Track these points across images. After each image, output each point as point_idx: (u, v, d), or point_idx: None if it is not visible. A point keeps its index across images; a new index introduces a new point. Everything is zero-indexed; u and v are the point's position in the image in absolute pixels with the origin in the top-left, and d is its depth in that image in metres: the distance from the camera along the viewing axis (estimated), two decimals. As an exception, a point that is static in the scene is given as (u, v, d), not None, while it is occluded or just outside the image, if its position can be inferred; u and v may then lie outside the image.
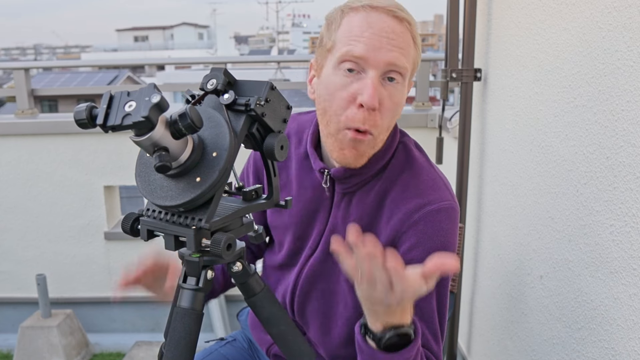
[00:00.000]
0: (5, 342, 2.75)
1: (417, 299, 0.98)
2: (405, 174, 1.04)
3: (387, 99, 0.96)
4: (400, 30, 0.95)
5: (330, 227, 1.08)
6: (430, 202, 1.00)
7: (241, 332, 1.38)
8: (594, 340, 1.19)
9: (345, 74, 0.95)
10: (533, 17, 1.47)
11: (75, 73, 20.62)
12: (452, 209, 1.01)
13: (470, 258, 2.05)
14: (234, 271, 0.81)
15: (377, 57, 0.93)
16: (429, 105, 2.63)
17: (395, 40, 0.94)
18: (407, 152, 1.07)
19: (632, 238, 1.05)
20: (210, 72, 0.75)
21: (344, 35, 0.96)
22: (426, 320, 1.00)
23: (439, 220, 0.99)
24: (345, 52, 0.94)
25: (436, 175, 1.05)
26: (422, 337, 0.98)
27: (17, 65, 2.79)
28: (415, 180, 1.03)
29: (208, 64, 3.22)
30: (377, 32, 0.93)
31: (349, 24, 0.96)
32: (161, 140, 0.64)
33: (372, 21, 0.94)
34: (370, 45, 0.93)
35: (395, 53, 0.94)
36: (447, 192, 1.03)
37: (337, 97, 0.96)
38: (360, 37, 0.94)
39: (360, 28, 0.94)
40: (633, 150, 1.04)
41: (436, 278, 0.79)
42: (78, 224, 2.66)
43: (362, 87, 0.94)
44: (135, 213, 0.76)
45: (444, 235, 1.00)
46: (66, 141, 2.58)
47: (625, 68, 1.06)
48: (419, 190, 1.01)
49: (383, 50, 0.93)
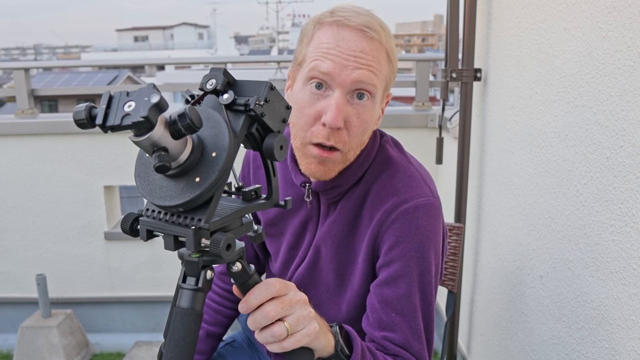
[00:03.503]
0: (5, 342, 2.76)
1: (399, 298, 0.98)
2: (383, 175, 1.03)
3: (354, 117, 0.96)
4: (370, 49, 0.94)
5: (319, 237, 1.08)
6: (407, 200, 0.99)
7: (241, 333, 1.38)
8: (594, 340, 1.19)
9: (313, 90, 0.96)
10: (533, 17, 1.47)
11: (75, 73, 20.63)
12: (430, 204, 1.00)
13: (470, 258, 2.05)
14: (233, 271, 0.80)
15: (343, 75, 0.93)
16: (429, 105, 2.63)
17: (362, 59, 0.93)
18: (384, 154, 1.06)
19: (632, 238, 1.05)
20: (209, 72, 0.75)
21: (313, 50, 0.96)
22: (408, 319, 0.99)
23: (416, 217, 0.98)
24: (312, 67, 0.95)
25: (414, 171, 1.04)
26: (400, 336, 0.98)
27: (17, 65, 2.79)
28: (392, 180, 1.02)
29: (208, 64, 3.22)
30: (345, 51, 0.93)
31: (318, 39, 0.96)
32: (160, 140, 0.64)
33: (341, 39, 0.94)
34: (337, 62, 0.93)
35: (362, 71, 0.93)
36: (425, 188, 1.01)
37: (304, 113, 0.97)
38: (327, 55, 0.94)
39: (328, 45, 0.94)
40: (633, 150, 1.04)
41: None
42: (78, 224, 2.66)
43: (327, 106, 0.94)
44: (134, 213, 0.76)
45: (423, 232, 0.99)
46: (66, 141, 2.59)
47: (625, 68, 1.06)
48: (395, 189, 1.01)
49: (349, 68, 0.93)
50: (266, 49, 55.79)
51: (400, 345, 0.98)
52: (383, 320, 0.98)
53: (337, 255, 1.07)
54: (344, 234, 1.05)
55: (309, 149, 0.98)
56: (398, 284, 0.98)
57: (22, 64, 2.77)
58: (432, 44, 51.71)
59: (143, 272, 2.72)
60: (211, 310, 1.25)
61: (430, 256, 1.00)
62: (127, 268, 2.72)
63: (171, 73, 24.62)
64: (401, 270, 0.98)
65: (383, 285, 1.00)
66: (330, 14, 0.97)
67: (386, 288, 0.99)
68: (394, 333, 0.98)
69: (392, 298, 0.98)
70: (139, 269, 2.72)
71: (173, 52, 40.14)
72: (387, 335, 0.98)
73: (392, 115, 2.56)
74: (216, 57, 15.72)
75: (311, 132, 0.97)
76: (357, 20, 0.94)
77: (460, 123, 1.92)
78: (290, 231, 1.13)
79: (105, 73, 20.08)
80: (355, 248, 1.04)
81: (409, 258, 0.98)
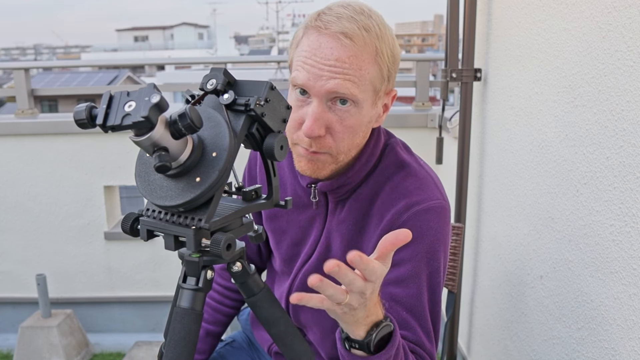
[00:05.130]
0: (5, 342, 2.75)
1: (408, 298, 0.98)
2: (394, 176, 1.04)
3: (337, 123, 0.96)
4: (347, 56, 0.92)
5: (326, 235, 1.08)
6: (419, 202, 1.00)
7: (240, 333, 1.38)
8: (594, 340, 1.19)
9: (298, 96, 0.97)
10: (533, 17, 1.47)
11: (75, 73, 20.62)
12: (441, 207, 1.01)
13: (470, 258, 2.05)
14: (233, 271, 0.81)
15: (317, 87, 0.93)
16: (429, 105, 2.63)
17: (337, 68, 0.92)
18: (394, 155, 1.06)
19: (632, 238, 1.05)
20: (210, 72, 0.75)
21: (296, 57, 0.97)
22: (419, 318, 1.00)
23: (427, 219, 0.99)
24: (293, 76, 0.96)
25: (425, 174, 1.05)
26: (414, 334, 0.98)
27: (17, 65, 2.79)
28: (404, 182, 1.03)
29: (208, 64, 3.22)
30: (320, 60, 0.92)
31: (302, 46, 0.96)
32: (161, 140, 0.64)
33: (318, 47, 0.93)
34: (312, 73, 0.93)
35: (337, 81, 0.92)
36: (436, 191, 1.03)
37: (291, 117, 0.97)
38: (304, 65, 0.94)
39: (306, 53, 0.94)
40: (633, 150, 1.04)
41: (391, 256, 0.75)
42: (78, 224, 2.66)
43: (306, 114, 0.95)
44: (135, 213, 0.76)
45: (434, 234, 1.00)
46: (66, 141, 2.59)
47: (625, 68, 1.06)
48: (407, 191, 1.01)
49: (323, 78, 0.92)
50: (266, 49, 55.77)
51: (414, 343, 0.99)
52: (394, 318, 0.98)
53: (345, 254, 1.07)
54: (353, 233, 1.05)
55: (297, 148, 1.00)
56: (408, 284, 0.99)
57: (22, 64, 2.78)
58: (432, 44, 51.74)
59: (143, 272, 2.72)
60: (210, 309, 1.25)
61: (440, 257, 1.01)
62: (127, 268, 2.72)
63: (171, 73, 24.63)
64: (412, 270, 0.99)
65: (391, 284, 1.00)
66: (317, 17, 0.96)
67: (395, 287, 1.00)
68: (407, 331, 0.99)
69: (402, 297, 0.99)
70: (139, 269, 2.72)
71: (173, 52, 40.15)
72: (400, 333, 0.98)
73: (392, 115, 2.56)
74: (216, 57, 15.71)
75: (297, 135, 0.98)
76: (335, 27, 0.93)
77: (460, 123, 1.92)
78: (295, 227, 1.12)
79: (105, 73, 20.08)
80: (363, 247, 1.04)
81: (420, 259, 0.99)
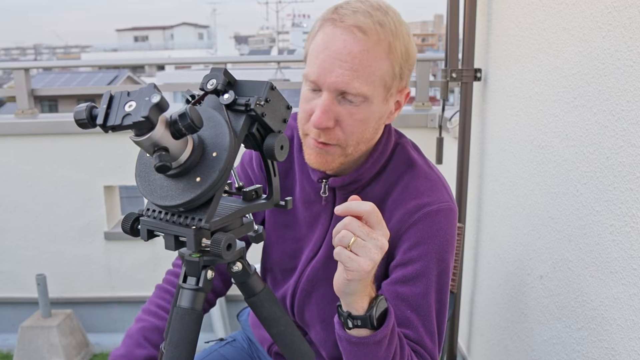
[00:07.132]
0: (5, 342, 2.75)
1: (415, 297, 0.99)
2: (405, 176, 1.05)
3: (347, 116, 0.96)
4: (359, 50, 0.92)
5: (332, 231, 1.08)
6: (430, 203, 1.01)
7: (241, 333, 1.38)
8: (594, 340, 1.20)
9: (309, 89, 0.98)
10: (533, 17, 1.47)
11: (75, 73, 20.61)
12: (450, 209, 1.03)
13: (470, 258, 2.05)
14: (234, 271, 0.81)
15: (328, 81, 0.94)
16: (429, 105, 2.63)
17: (348, 63, 0.92)
18: (405, 155, 1.08)
19: (632, 238, 1.05)
20: (210, 72, 0.75)
21: (311, 50, 0.97)
22: (423, 318, 1.00)
23: (437, 220, 1.01)
24: (305, 73, 0.97)
25: (435, 176, 1.07)
26: (415, 334, 0.99)
27: (17, 65, 2.79)
28: (415, 182, 1.04)
29: (208, 64, 3.22)
30: (332, 54, 0.93)
31: (316, 40, 0.97)
32: (161, 140, 0.64)
33: (331, 40, 0.94)
34: (322, 68, 0.94)
35: (346, 78, 0.92)
36: (445, 194, 1.05)
37: (302, 108, 1.00)
38: (316, 60, 0.95)
39: (319, 47, 0.95)
40: (633, 150, 1.04)
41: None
42: (78, 224, 2.66)
43: (316, 106, 0.96)
44: (135, 213, 0.76)
45: (443, 235, 1.01)
46: (66, 141, 2.59)
47: (625, 68, 1.06)
48: (418, 192, 1.03)
49: (334, 74, 0.93)
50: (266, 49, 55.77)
51: (415, 342, 0.99)
52: (397, 317, 0.99)
53: None
54: None
55: (307, 140, 1.01)
56: (416, 283, 1.00)
57: (22, 64, 2.78)
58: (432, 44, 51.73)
59: (143, 272, 2.72)
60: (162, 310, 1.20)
61: (448, 258, 1.03)
62: (127, 268, 2.72)
63: (171, 73, 24.63)
64: (420, 270, 1.00)
65: (399, 283, 1.00)
66: (334, 10, 0.97)
67: (403, 286, 1.00)
68: (409, 330, 0.99)
69: (409, 296, 1.00)
70: (139, 269, 2.72)
71: (173, 52, 40.15)
72: (402, 332, 0.99)
73: (392, 115, 2.56)
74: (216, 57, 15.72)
75: (307, 126, 0.99)
76: (350, 20, 0.93)
77: (460, 123, 1.92)
78: (300, 222, 1.12)
79: (105, 73, 20.07)
80: None
81: (430, 259, 1.00)
